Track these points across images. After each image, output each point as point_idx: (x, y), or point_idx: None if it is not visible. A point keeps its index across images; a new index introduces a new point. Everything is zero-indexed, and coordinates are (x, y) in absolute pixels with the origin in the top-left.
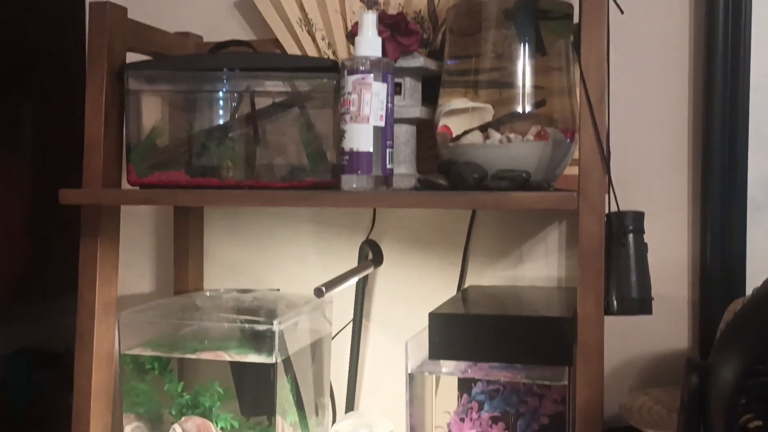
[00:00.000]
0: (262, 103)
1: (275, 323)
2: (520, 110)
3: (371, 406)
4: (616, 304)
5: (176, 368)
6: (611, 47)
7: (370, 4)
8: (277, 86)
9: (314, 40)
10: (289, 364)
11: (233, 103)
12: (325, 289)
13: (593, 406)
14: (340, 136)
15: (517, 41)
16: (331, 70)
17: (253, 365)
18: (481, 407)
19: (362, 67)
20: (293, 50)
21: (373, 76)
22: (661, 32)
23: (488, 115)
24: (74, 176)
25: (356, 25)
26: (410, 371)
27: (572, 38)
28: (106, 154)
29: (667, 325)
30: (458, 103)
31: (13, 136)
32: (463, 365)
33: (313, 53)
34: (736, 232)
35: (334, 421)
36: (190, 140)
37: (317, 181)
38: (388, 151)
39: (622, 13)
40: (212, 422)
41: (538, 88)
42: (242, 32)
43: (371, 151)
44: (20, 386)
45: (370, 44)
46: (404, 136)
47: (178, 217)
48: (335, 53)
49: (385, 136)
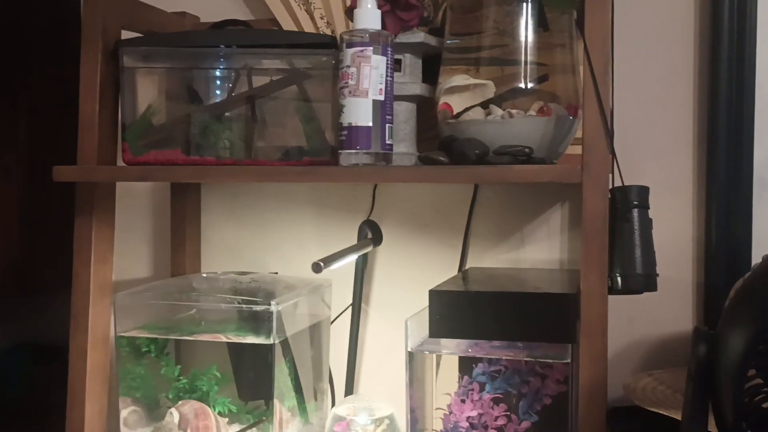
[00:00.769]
0: (259, 81)
1: (273, 304)
2: (522, 86)
3: (371, 390)
4: (620, 280)
5: (173, 351)
6: (615, 25)
7: None
8: (274, 64)
9: (312, 18)
10: (287, 346)
11: (230, 81)
12: (323, 264)
13: (597, 384)
14: (338, 111)
15: (519, 17)
16: (329, 46)
17: (250, 347)
18: (482, 388)
19: (361, 39)
20: (291, 29)
21: (372, 48)
22: (666, 9)
23: (490, 92)
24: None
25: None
26: (410, 350)
27: (575, 14)
28: (100, 132)
29: (671, 306)
30: (459, 80)
31: (8, 126)
32: (464, 344)
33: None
34: (741, 212)
35: (333, 405)
36: (186, 119)
37: (316, 160)
38: (387, 126)
39: None
40: (210, 406)
41: (540, 64)
42: (240, 12)
43: (370, 125)
44: (19, 380)
45: (369, 16)
46: (404, 114)
47: (174, 199)
48: (334, 32)
49: (384, 110)
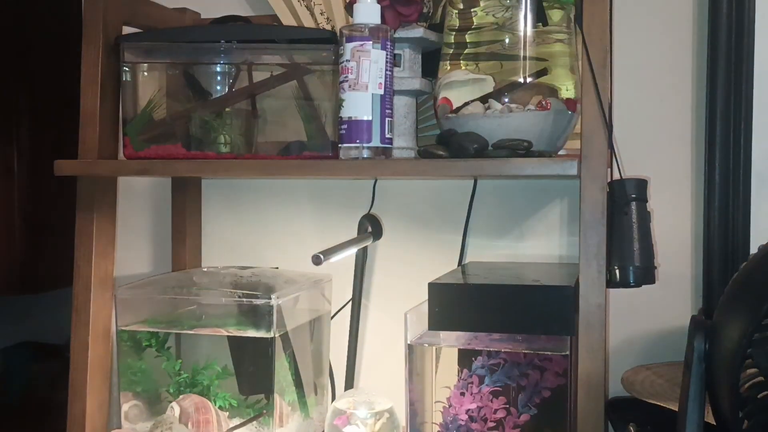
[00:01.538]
0: (260, 77)
1: (273, 297)
2: (521, 80)
3: (371, 384)
4: (618, 273)
5: (174, 346)
6: (614, 19)
7: None
8: (275, 59)
9: (313, 15)
10: (287, 340)
11: (230, 76)
12: (323, 256)
13: (595, 376)
14: (338, 105)
15: (517, 12)
16: (329, 41)
17: (251, 341)
18: (481, 381)
19: (361, 33)
20: (292, 25)
21: (371, 43)
22: (664, 3)
23: (489, 86)
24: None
25: None
26: (410, 342)
27: (574, 9)
28: (101, 127)
29: (669, 301)
30: (458, 75)
31: (10, 125)
32: (463, 337)
33: None
34: (740, 207)
35: (333, 399)
36: (186, 114)
37: (316, 155)
38: (387, 120)
39: None
40: (210, 401)
41: (539, 59)
42: (240, 8)
43: (370, 119)
44: (20, 378)
45: (369, 11)
46: (404, 108)
47: (175, 195)
48: (334, 28)
49: (384, 104)
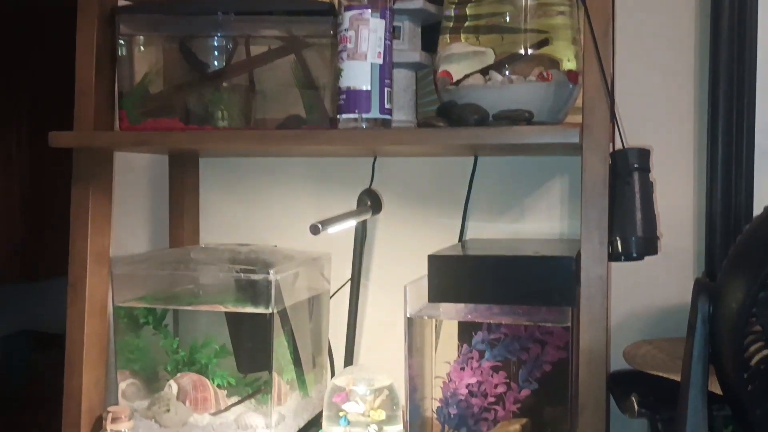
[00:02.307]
0: (258, 51)
1: (272, 273)
2: (522, 52)
3: (370, 362)
4: (620, 244)
5: (172, 324)
6: None
7: None
8: (273, 32)
9: None
10: (285, 317)
11: (228, 49)
12: (321, 226)
13: (597, 348)
14: (337, 75)
15: None
16: (327, 13)
17: (249, 317)
18: (481, 356)
19: (360, 2)
20: None
21: (370, 11)
22: None
23: (489, 59)
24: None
25: None
26: (409, 315)
27: None
28: (97, 99)
29: (670, 277)
30: (459, 47)
31: (10, 113)
32: (463, 310)
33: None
34: (742, 180)
35: (332, 378)
36: (183, 88)
37: (314, 128)
38: (386, 90)
39: None
40: (209, 379)
41: (540, 31)
42: None
43: (369, 89)
44: (20, 366)
45: None
46: (403, 81)
47: (173, 174)
48: (333, 0)
49: (383, 74)
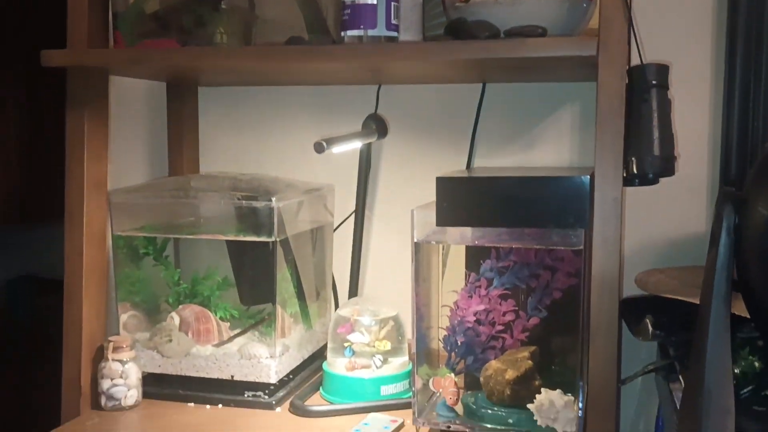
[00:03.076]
0: None
1: (274, 200)
2: None
3: (375, 295)
4: (636, 164)
5: (173, 255)
6: None
7: None
8: None
9: None
10: (288, 247)
11: None
12: (325, 144)
13: (610, 270)
14: None
15: None
16: None
17: (251, 247)
18: (489, 284)
19: None
20: None
21: None
22: None
23: None
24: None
25: None
26: (417, 240)
27: None
28: (91, 18)
29: (684, 206)
30: None
31: (4, 53)
32: (471, 235)
33: None
34: (761, 103)
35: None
36: (180, 7)
37: None
38: (392, 4)
39: None
40: (211, 312)
41: None
42: None
43: (375, 2)
44: (24, 311)
45: None
46: (410, 1)
47: (171, 102)
48: None
49: None
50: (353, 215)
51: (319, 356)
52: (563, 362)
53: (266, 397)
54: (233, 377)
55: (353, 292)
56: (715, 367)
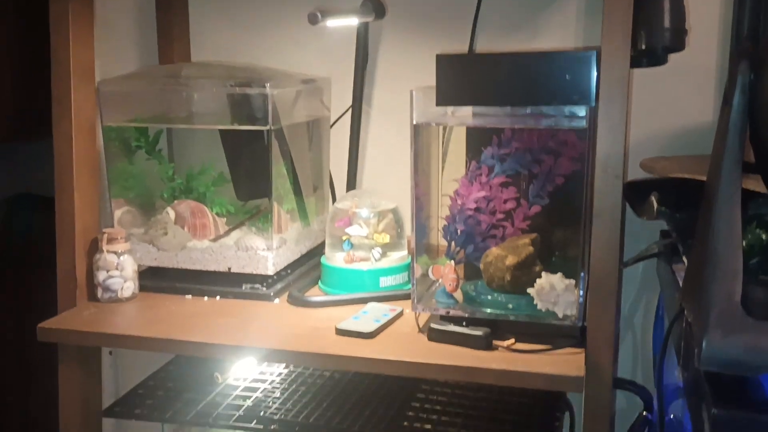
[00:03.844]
0: None
1: (268, 86)
2: None
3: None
4: (645, 37)
5: (166, 149)
6: None
7: None
8: None
9: None
10: (283, 139)
11: None
12: (320, 14)
13: (615, 152)
14: None
15: None
16: None
17: (246, 138)
18: (491, 171)
19: None
20: None
21: None
22: None
23: None
24: None
25: None
26: (416, 122)
27: None
28: None
29: (692, 95)
30: None
31: None
32: (471, 116)
33: None
34: None
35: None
36: None
37: None
38: None
39: None
40: (207, 207)
41: None
42: None
43: None
44: (23, 228)
45: None
46: None
47: None
48: None
49: None
50: (350, 110)
51: (317, 254)
52: (564, 250)
53: (264, 289)
54: (230, 269)
55: (351, 187)
56: (723, 227)
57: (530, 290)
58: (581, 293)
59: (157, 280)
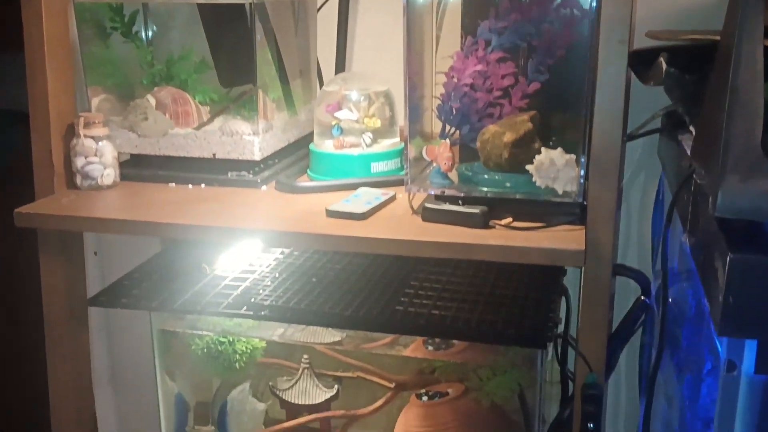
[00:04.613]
0: None
1: None
2: None
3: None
4: None
5: (143, 31)
6: None
7: None
8: None
9: None
10: (266, 17)
11: None
12: None
13: (620, 13)
14: None
15: None
16: None
17: (227, 14)
18: (487, 45)
19: None
20: None
21: None
22: None
23: None
24: None
25: None
26: None
27: None
28: None
29: None
30: None
31: None
32: None
33: None
34: None
35: None
36: None
37: None
38: None
39: None
40: (189, 95)
41: None
42: None
43: None
44: (3, 145)
45: None
46: None
47: None
48: None
49: None
50: None
51: (304, 145)
52: (564, 128)
53: (250, 176)
54: (215, 156)
55: (340, 71)
56: (744, 63)
57: (529, 167)
58: (582, 170)
59: (138, 168)
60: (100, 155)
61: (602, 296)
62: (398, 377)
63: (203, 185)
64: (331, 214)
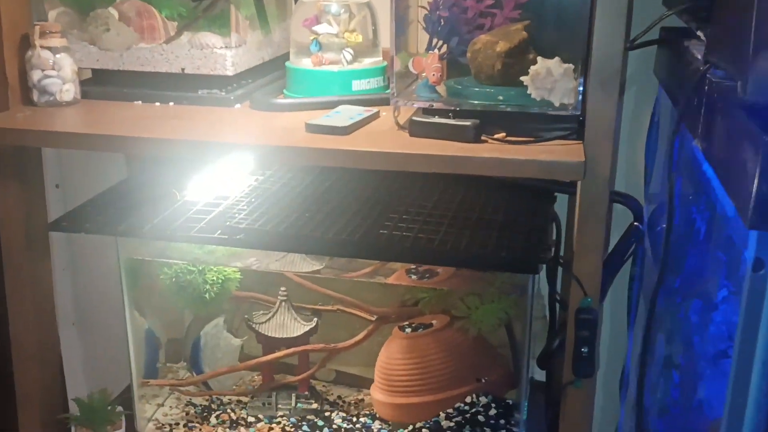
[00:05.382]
0: None
1: None
2: None
3: None
4: None
5: None
6: None
7: None
8: None
9: None
10: None
11: None
12: None
13: None
14: None
15: None
16: None
17: None
18: None
19: None
20: None
21: None
22: None
23: None
24: None
25: None
26: None
27: None
28: None
29: None
30: None
31: None
32: None
33: None
34: None
35: None
36: None
37: None
38: None
39: None
40: (155, 9)
41: None
42: None
43: None
44: None
45: None
46: None
47: None
48: None
49: None
50: None
51: (280, 66)
52: (560, 42)
53: (223, 93)
54: (184, 70)
55: None
56: None
57: (524, 78)
58: (581, 81)
59: (101, 85)
60: (58, 68)
61: (599, 217)
62: (380, 309)
63: (171, 103)
64: (311, 128)
